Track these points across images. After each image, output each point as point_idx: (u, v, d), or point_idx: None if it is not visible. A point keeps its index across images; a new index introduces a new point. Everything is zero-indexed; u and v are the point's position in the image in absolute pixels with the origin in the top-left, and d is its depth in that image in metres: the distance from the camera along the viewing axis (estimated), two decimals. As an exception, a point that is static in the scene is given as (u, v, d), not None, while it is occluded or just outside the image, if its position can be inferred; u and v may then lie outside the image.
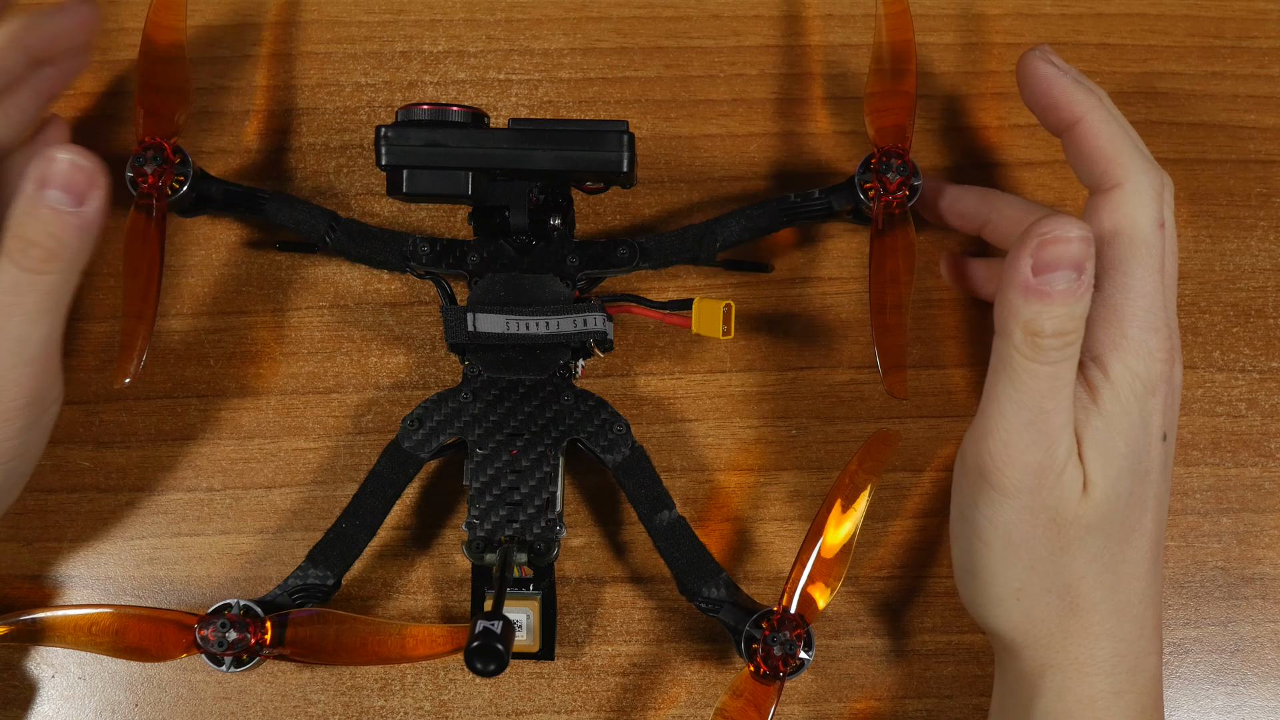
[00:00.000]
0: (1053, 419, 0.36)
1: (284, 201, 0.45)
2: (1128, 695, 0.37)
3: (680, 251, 0.45)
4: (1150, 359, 0.37)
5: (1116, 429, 0.37)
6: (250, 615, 0.41)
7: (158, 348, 0.47)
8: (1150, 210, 0.38)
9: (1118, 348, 0.37)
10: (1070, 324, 0.35)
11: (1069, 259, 0.35)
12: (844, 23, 0.50)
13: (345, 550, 0.43)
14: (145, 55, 0.45)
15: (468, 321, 0.43)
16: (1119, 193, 0.38)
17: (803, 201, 0.45)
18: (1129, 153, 0.39)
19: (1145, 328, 0.37)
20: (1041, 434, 0.36)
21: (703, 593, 0.42)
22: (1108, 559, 0.37)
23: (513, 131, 0.42)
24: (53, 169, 0.37)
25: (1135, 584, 0.38)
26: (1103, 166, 0.39)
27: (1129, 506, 0.37)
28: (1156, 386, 0.37)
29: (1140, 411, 0.37)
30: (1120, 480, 0.37)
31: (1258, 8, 0.50)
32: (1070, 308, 0.35)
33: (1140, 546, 0.38)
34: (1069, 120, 0.39)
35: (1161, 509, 0.39)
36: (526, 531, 0.42)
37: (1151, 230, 0.38)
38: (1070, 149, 0.40)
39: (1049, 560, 0.37)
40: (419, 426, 0.43)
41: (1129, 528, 0.38)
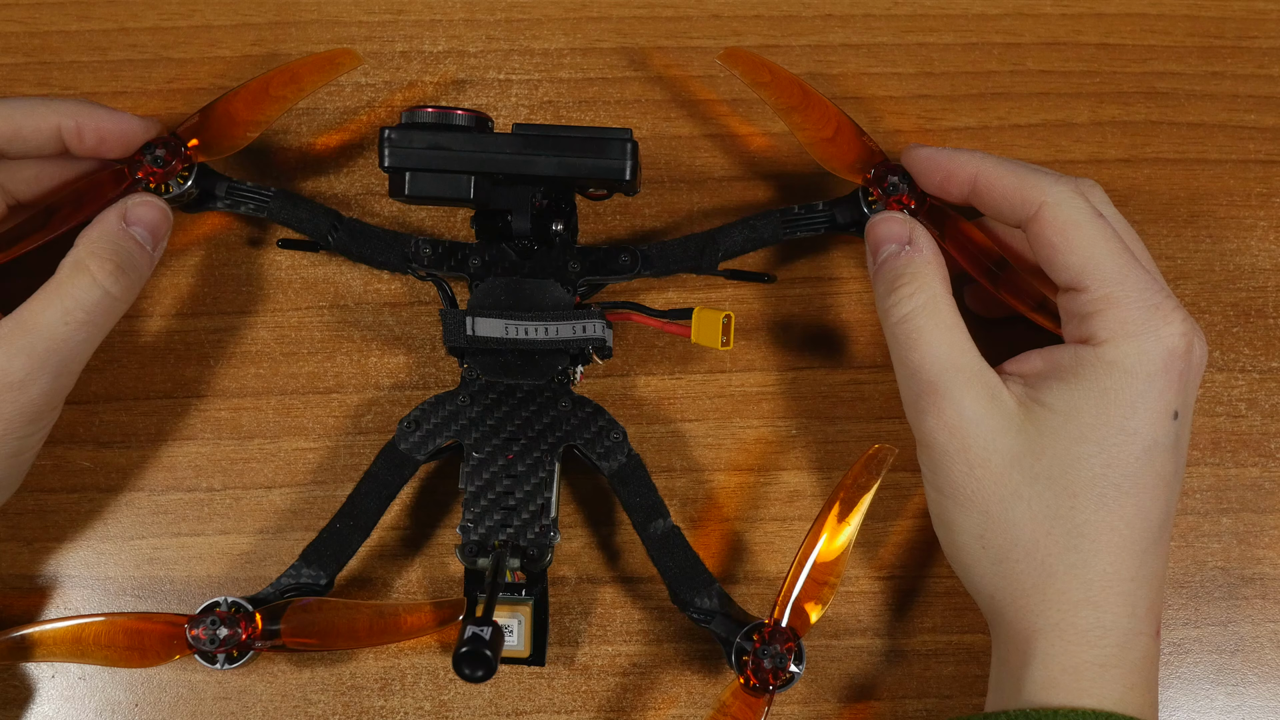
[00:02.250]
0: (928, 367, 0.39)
1: (287, 200, 0.45)
2: (1114, 670, 0.37)
3: (682, 260, 0.45)
4: (1160, 337, 0.38)
5: (1089, 397, 0.38)
6: (239, 610, 0.41)
7: (158, 348, 0.47)
8: (1080, 206, 0.39)
9: (1120, 333, 0.38)
10: (897, 279, 0.40)
11: (889, 235, 0.41)
12: (844, 23, 0.50)
13: (339, 550, 0.43)
14: (252, 92, 0.45)
15: (467, 325, 0.43)
16: (1044, 209, 0.39)
17: (805, 213, 0.45)
18: (1034, 175, 0.40)
19: (1147, 307, 0.38)
20: (926, 384, 0.39)
21: (695, 603, 0.42)
22: (1078, 519, 0.37)
23: (516, 137, 0.42)
24: (138, 210, 0.42)
25: (1119, 555, 0.38)
26: (1017, 198, 0.40)
27: (1104, 472, 0.37)
28: (1170, 364, 0.38)
29: (1140, 388, 0.38)
30: (1083, 443, 0.37)
31: (1258, 8, 0.50)
32: (892, 268, 0.40)
33: (1127, 518, 0.38)
34: (967, 179, 0.41)
35: (1167, 490, 0.38)
36: (520, 537, 0.42)
37: (1093, 221, 0.39)
38: (983, 204, 0.42)
39: (1000, 507, 0.38)
40: (416, 428, 0.43)
41: (1108, 494, 0.38)
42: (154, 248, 0.43)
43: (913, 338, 0.39)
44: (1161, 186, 0.49)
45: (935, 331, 0.39)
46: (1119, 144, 0.49)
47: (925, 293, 0.40)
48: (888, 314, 0.40)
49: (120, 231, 0.42)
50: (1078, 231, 0.39)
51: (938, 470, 0.39)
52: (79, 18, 0.50)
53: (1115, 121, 0.49)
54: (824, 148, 0.45)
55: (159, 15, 0.50)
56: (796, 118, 0.45)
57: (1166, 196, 0.48)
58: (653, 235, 0.48)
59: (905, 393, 0.40)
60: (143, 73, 0.49)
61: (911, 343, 0.39)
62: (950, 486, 0.39)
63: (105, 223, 0.42)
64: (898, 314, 0.40)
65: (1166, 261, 0.48)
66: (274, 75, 0.45)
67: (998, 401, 0.39)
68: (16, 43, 0.49)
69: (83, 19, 0.50)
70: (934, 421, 0.39)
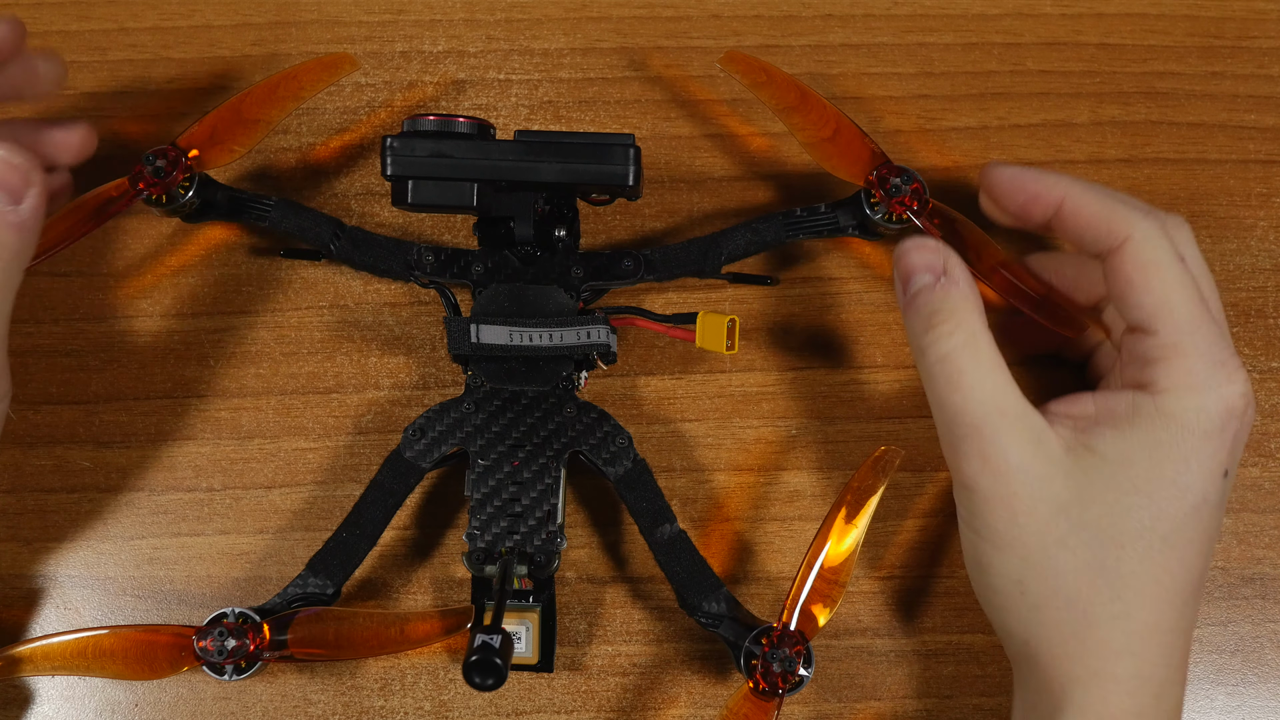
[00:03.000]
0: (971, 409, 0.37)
1: (288, 209, 0.45)
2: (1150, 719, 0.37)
3: (685, 264, 0.45)
4: (1222, 395, 0.37)
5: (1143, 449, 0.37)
6: (247, 621, 0.41)
7: (158, 348, 0.47)
8: (1164, 247, 0.38)
9: (1183, 384, 0.37)
10: (934, 316, 0.38)
11: (921, 264, 0.39)
12: (844, 23, 0.50)
13: (345, 560, 0.43)
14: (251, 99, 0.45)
15: (471, 333, 0.43)
16: (1130, 243, 0.38)
17: (808, 215, 0.45)
18: (1123, 207, 0.39)
19: (1213, 363, 0.37)
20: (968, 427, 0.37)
21: (703, 607, 0.42)
22: (1123, 570, 0.37)
23: (518, 143, 0.42)
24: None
25: (1162, 607, 0.37)
26: (1104, 229, 0.39)
27: (1152, 525, 0.37)
28: (1228, 423, 0.37)
29: (1196, 444, 0.37)
30: (1133, 494, 0.37)
31: (1258, 8, 0.50)
32: (928, 302, 0.38)
33: (1171, 570, 0.37)
34: (1053, 202, 0.40)
35: (1208, 544, 0.38)
36: (527, 544, 0.42)
37: (1174, 265, 0.38)
38: (1065, 230, 0.40)
39: (1043, 555, 0.37)
40: (421, 436, 0.43)
41: (1155, 546, 0.37)
42: (17, 203, 0.38)
43: (953, 378, 0.37)
44: (1161, 186, 0.49)
45: (977, 372, 0.37)
46: (1119, 144, 0.49)
47: (964, 330, 0.38)
48: (924, 352, 0.38)
49: None
50: (1157, 273, 0.38)
51: (977, 515, 0.38)
52: (79, 18, 0.50)
53: (1115, 121, 0.49)
54: (824, 148, 0.45)
55: (159, 15, 0.50)
56: (795, 119, 0.45)
57: (1166, 196, 0.48)
58: (653, 236, 0.48)
59: (944, 434, 0.38)
60: (143, 73, 0.49)
61: (952, 384, 0.37)
62: (990, 532, 0.38)
63: None
64: (936, 353, 0.38)
65: (1166, 261, 0.48)
66: (273, 81, 0.45)
67: (1043, 446, 0.37)
68: (16, 43, 0.49)
69: (83, 19, 0.50)
70: (977, 466, 0.37)
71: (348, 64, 0.47)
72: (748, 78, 0.46)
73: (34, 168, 0.38)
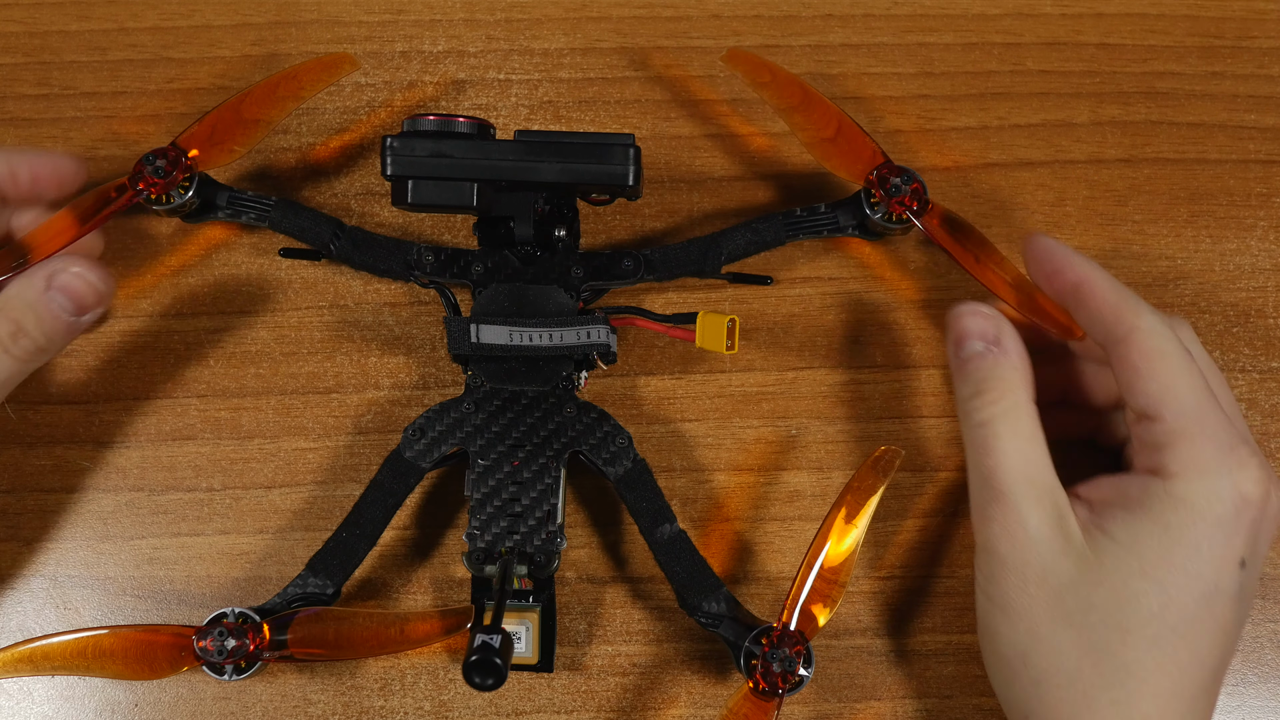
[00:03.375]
0: (1000, 476, 0.38)
1: (288, 209, 0.45)
2: None
3: (685, 264, 0.45)
4: (1235, 482, 0.37)
5: (1154, 534, 0.37)
6: (247, 621, 0.41)
7: (158, 348, 0.47)
8: (1171, 339, 0.39)
9: (1193, 469, 0.37)
10: (982, 384, 0.40)
11: (975, 329, 0.41)
12: (844, 23, 0.50)
13: (345, 560, 0.43)
14: (251, 99, 0.45)
15: (471, 333, 0.43)
16: (1137, 333, 0.39)
17: (808, 215, 0.45)
18: (1135, 301, 0.40)
19: (1223, 447, 0.37)
20: (995, 491, 0.39)
21: (703, 607, 0.42)
22: (1128, 658, 0.37)
23: (519, 143, 0.42)
24: (64, 278, 0.41)
25: (1167, 699, 0.36)
26: (1113, 315, 0.39)
27: (1160, 613, 0.37)
28: (1242, 510, 0.37)
29: (1207, 532, 0.37)
30: (1142, 579, 0.37)
31: (1258, 8, 0.50)
32: (978, 369, 0.40)
33: (1180, 663, 0.37)
34: (1074, 280, 0.40)
35: (1225, 638, 0.37)
36: (527, 543, 0.42)
37: (1180, 355, 0.38)
38: (1079, 309, 0.41)
39: (1049, 629, 0.37)
40: (421, 436, 0.43)
41: (1162, 635, 0.37)
42: (79, 315, 0.41)
43: (989, 444, 0.39)
44: (1161, 186, 0.49)
45: (1013, 441, 0.39)
46: (1119, 144, 0.49)
47: (1008, 400, 0.39)
48: (968, 415, 0.40)
49: (39, 297, 0.41)
50: (1163, 361, 0.38)
51: (992, 579, 0.39)
52: (79, 18, 0.50)
53: (1115, 121, 0.49)
54: (825, 148, 0.45)
55: (159, 15, 0.50)
56: (798, 118, 0.45)
57: (1166, 196, 0.49)
58: (653, 235, 0.48)
59: (974, 496, 0.40)
60: (143, 73, 0.49)
61: (988, 449, 0.39)
62: (1002, 597, 0.38)
63: (27, 289, 0.41)
64: (978, 418, 0.39)
65: (1166, 262, 0.48)
66: (273, 81, 0.45)
67: (1063, 523, 0.38)
68: (16, 43, 0.49)
69: (83, 19, 0.50)
70: (998, 530, 0.38)
71: (348, 64, 0.47)
72: (750, 76, 0.46)
73: (107, 290, 0.42)
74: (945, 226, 0.44)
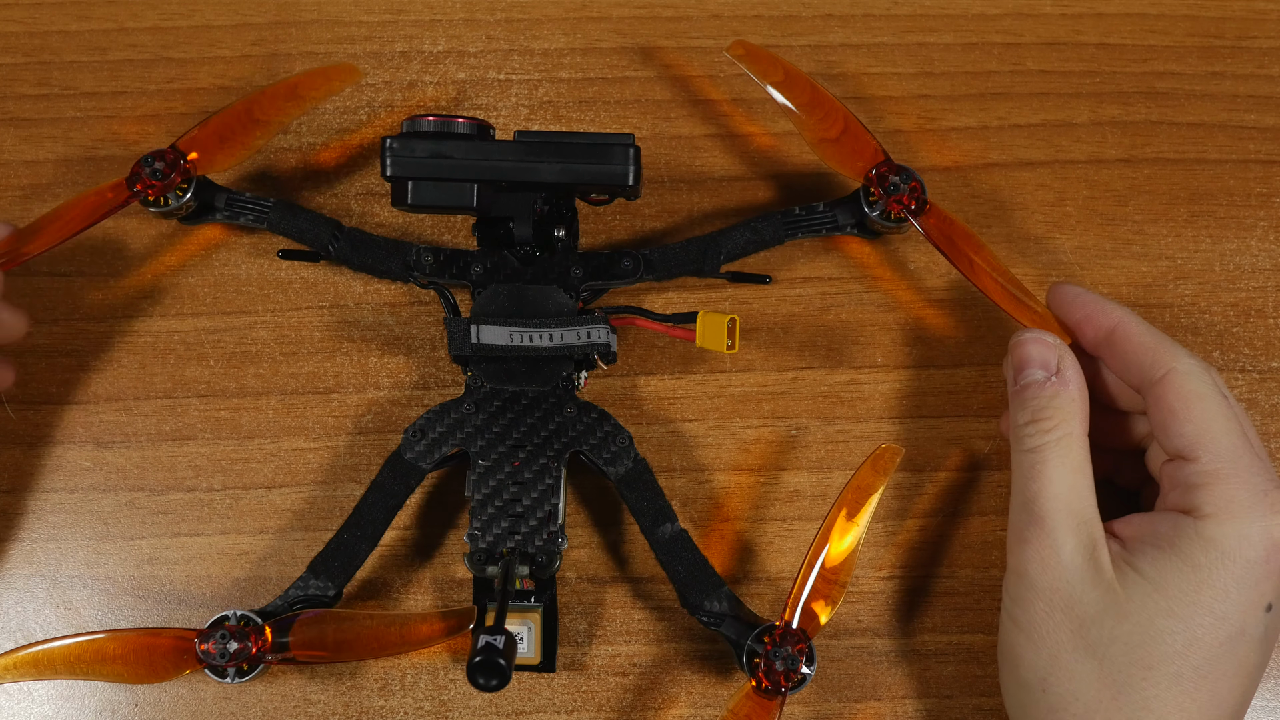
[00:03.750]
0: (1041, 502, 0.39)
1: (287, 210, 0.45)
2: None
3: (684, 264, 0.45)
4: (1265, 526, 0.37)
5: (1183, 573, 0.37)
6: (249, 624, 0.41)
7: (158, 348, 0.47)
8: (1208, 381, 0.39)
9: (1225, 511, 0.37)
10: (1039, 412, 0.40)
11: (1037, 357, 0.41)
12: (844, 23, 0.50)
13: (346, 561, 0.43)
14: (252, 106, 0.45)
15: (471, 334, 0.43)
16: (1174, 374, 0.39)
17: (807, 214, 0.45)
18: (1171, 344, 0.40)
19: (1257, 492, 0.37)
20: (1036, 516, 0.39)
21: (705, 606, 0.42)
22: (1149, 693, 0.37)
23: (518, 144, 0.42)
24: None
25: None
26: (1150, 358, 0.40)
27: (1184, 651, 0.37)
28: (1272, 555, 0.37)
29: (1237, 574, 0.37)
30: (1169, 618, 0.37)
31: (1258, 8, 0.50)
32: (1037, 397, 0.40)
33: (1200, 702, 0.37)
34: (1107, 326, 0.41)
35: (1247, 680, 0.38)
36: (528, 544, 0.42)
37: (1216, 397, 0.39)
38: (1114, 354, 0.41)
39: (1072, 657, 0.38)
40: (421, 437, 0.43)
41: (1184, 674, 0.37)
42: None
43: (1037, 469, 0.39)
44: (1161, 186, 0.49)
45: (1061, 469, 0.39)
46: (1119, 144, 0.49)
47: (1063, 429, 0.39)
48: (1021, 440, 0.40)
49: None
50: (1200, 403, 0.38)
51: (1020, 602, 0.39)
52: (79, 18, 0.50)
53: (1115, 121, 0.49)
54: (829, 146, 0.45)
55: (159, 15, 0.50)
56: (804, 115, 0.45)
57: (1166, 196, 0.49)
58: (653, 235, 0.48)
59: (1014, 519, 0.40)
60: (143, 73, 0.49)
61: (1034, 473, 0.39)
62: (1028, 622, 0.38)
63: None
64: (1031, 444, 0.39)
65: (1166, 262, 0.48)
66: (276, 89, 0.45)
67: (1096, 556, 0.38)
68: (16, 43, 0.49)
69: (83, 19, 0.50)
70: (1031, 553, 0.38)
71: (352, 74, 0.47)
72: (759, 71, 0.46)
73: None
74: (942, 227, 0.44)
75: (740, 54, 0.46)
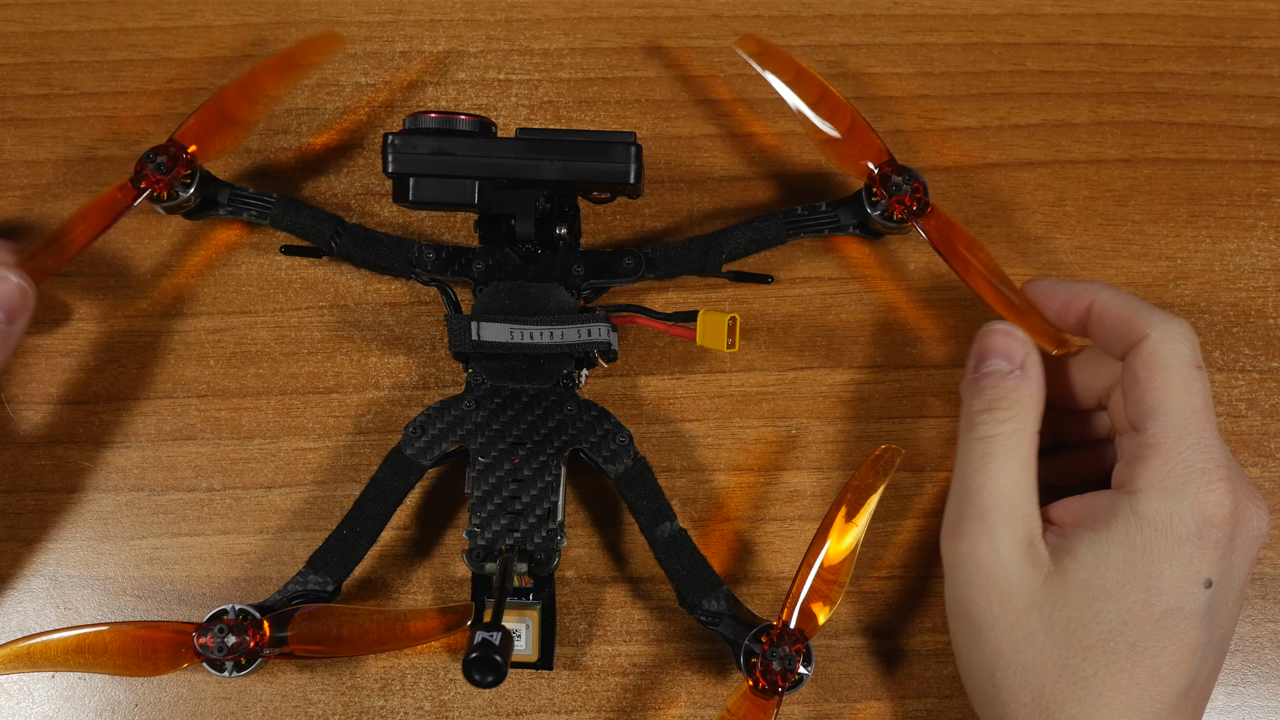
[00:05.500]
0: (986, 494, 0.38)
1: (289, 206, 0.45)
2: None
3: (686, 263, 0.45)
4: (1199, 501, 0.37)
5: (1117, 552, 0.37)
6: (247, 618, 0.41)
7: (158, 348, 0.47)
8: (1182, 351, 0.38)
9: (1158, 485, 0.37)
10: (997, 402, 0.40)
11: (997, 348, 0.41)
12: (844, 23, 0.50)
13: (345, 557, 0.43)
14: (243, 86, 0.45)
15: (472, 330, 0.43)
16: (1147, 342, 0.39)
17: (809, 214, 0.45)
18: (1147, 309, 0.40)
19: (1192, 468, 0.37)
20: (976, 508, 0.39)
21: (703, 605, 0.42)
22: (1086, 673, 0.37)
23: (520, 141, 0.42)
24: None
25: (1125, 715, 0.37)
26: (1126, 326, 0.39)
27: (1120, 629, 0.37)
28: (1206, 530, 0.37)
29: (1169, 549, 0.37)
30: (1104, 598, 0.37)
31: (1258, 8, 0.50)
32: (997, 387, 0.40)
33: (1139, 679, 0.37)
34: (1084, 304, 0.41)
35: (1189, 657, 0.37)
36: (527, 541, 0.42)
37: (1188, 369, 0.38)
38: (1096, 331, 0.41)
39: (1014, 647, 0.38)
40: (421, 434, 0.43)
41: (1120, 652, 0.37)
42: (10, 323, 0.41)
43: (984, 461, 0.39)
44: (1161, 186, 0.49)
45: (1008, 463, 0.39)
46: (1119, 144, 0.49)
47: (1016, 423, 0.39)
48: (973, 428, 0.40)
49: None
50: (1164, 374, 0.38)
51: (958, 597, 0.39)
52: (79, 18, 0.50)
53: (1115, 121, 0.49)
54: (835, 146, 0.45)
55: (159, 15, 0.50)
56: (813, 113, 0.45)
57: (1166, 196, 0.49)
58: (653, 235, 0.48)
59: (952, 508, 0.40)
60: (143, 73, 0.49)
61: (982, 464, 0.39)
62: (968, 617, 0.39)
63: None
64: (983, 432, 0.39)
65: (1166, 261, 0.48)
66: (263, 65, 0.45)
67: (1033, 548, 0.38)
68: (16, 43, 0.49)
69: (83, 19, 0.50)
70: (967, 548, 0.39)
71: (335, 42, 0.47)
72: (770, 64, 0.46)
73: (33, 294, 0.42)
74: (943, 231, 0.44)
75: (753, 50, 0.46)
